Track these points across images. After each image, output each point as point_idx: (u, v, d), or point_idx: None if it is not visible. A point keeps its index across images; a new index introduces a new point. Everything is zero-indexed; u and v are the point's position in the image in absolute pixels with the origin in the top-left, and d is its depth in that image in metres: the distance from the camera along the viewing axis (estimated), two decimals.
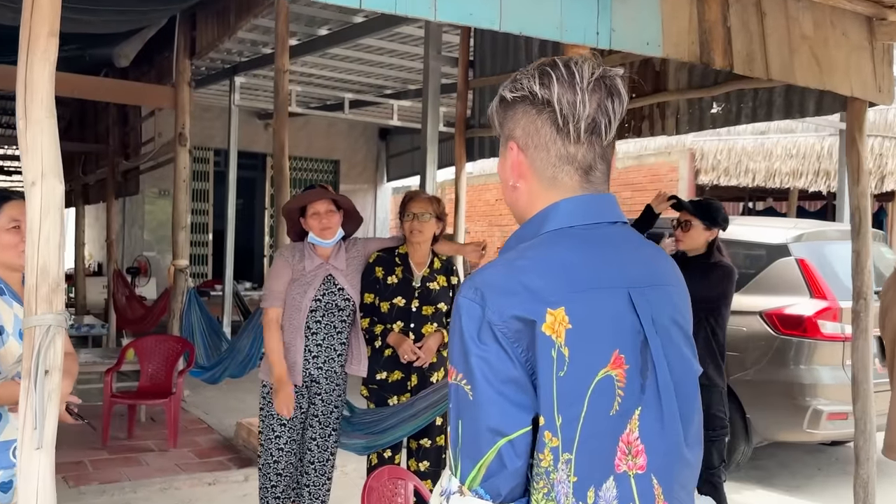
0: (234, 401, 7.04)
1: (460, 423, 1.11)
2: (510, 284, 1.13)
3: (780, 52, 2.91)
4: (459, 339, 1.12)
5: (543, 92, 1.19)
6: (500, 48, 5.56)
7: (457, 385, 1.11)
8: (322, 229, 3.40)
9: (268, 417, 3.41)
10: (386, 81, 9.64)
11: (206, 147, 12.74)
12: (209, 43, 6.76)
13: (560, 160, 1.23)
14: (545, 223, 1.23)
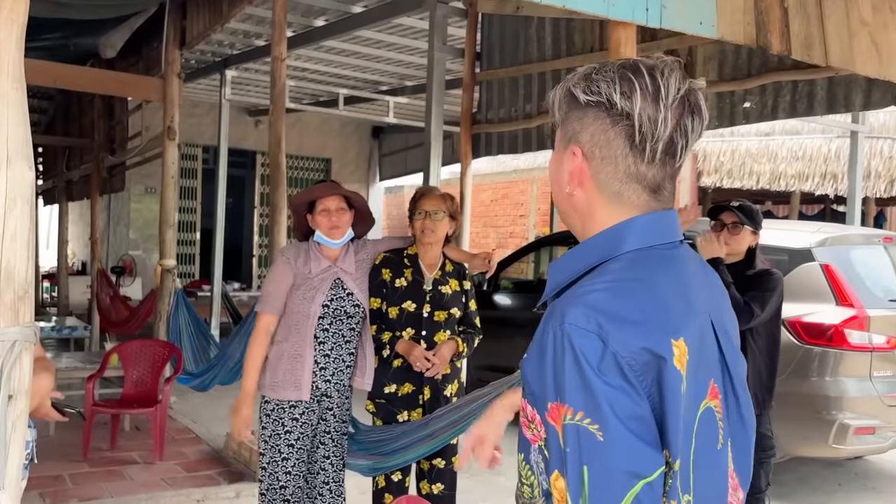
0: (224, 409, 6.65)
1: (585, 470, 0.98)
2: (630, 313, 1.03)
3: (840, 37, 2.64)
4: (577, 373, 0.99)
5: (624, 103, 1.09)
6: (508, 39, 5.27)
7: (576, 426, 0.98)
8: (331, 228, 3.10)
9: (273, 437, 3.09)
10: (382, 77, 9.33)
11: (194, 144, 12.44)
12: (200, 33, 6.45)
13: (628, 177, 1.13)
14: (623, 241, 1.12)
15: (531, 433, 1.08)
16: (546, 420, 1.03)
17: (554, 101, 1.20)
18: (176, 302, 6.27)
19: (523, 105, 5.18)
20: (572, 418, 0.99)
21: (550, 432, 1.02)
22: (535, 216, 13.20)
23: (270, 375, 3.11)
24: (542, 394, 1.04)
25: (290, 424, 3.09)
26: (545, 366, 1.03)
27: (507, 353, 6.46)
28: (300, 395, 3.07)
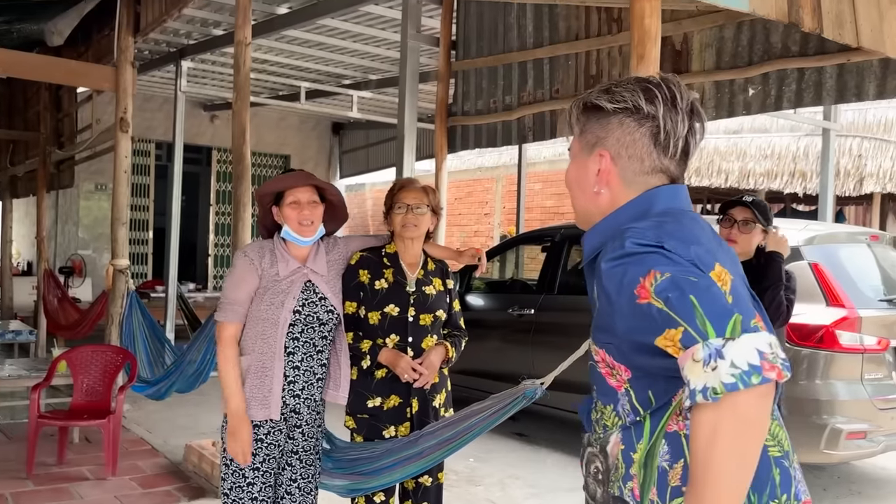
0: (182, 417, 6.34)
1: (694, 298, 1.12)
2: (677, 234, 1.23)
3: (870, 17, 2.44)
4: (653, 255, 1.19)
5: (649, 108, 1.31)
6: (486, 27, 5.01)
7: (671, 277, 1.14)
8: (301, 223, 2.74)
9: (236, 460, 2.74)
10: (346, 70, 9.02)
11: (146, 139, 11.98)
12: (156, 18, 6.06)
13: (654, 170, 1.35)
14: (652, 205, 1.33)
15: (615, 380, 1.30)
16: (637, 307, 1.17)
17: (570, 115, 1.41)
18: (129, 304, 5.88)
19: (503, 96, 4.93)
20: (662, 276, 1.15)
21: (661, 287, 1.15)
22: (500, 215, 13.00)
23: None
24: (621, 306, 1.20)
25: (255, 446, 2.73)
26: (621, 288, 1.19)
27: (482, 355, 6.23)
28: (269, 414, 2.72)
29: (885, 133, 9.30)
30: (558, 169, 12.70)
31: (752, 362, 1.08)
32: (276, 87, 10.08)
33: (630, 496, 1.27)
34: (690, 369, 1.11)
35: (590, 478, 1.38)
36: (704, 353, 1.10)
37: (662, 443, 1.24)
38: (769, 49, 3.66)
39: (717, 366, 1.08)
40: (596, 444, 1.36)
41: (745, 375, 1.07)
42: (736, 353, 1.08)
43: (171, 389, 5.23)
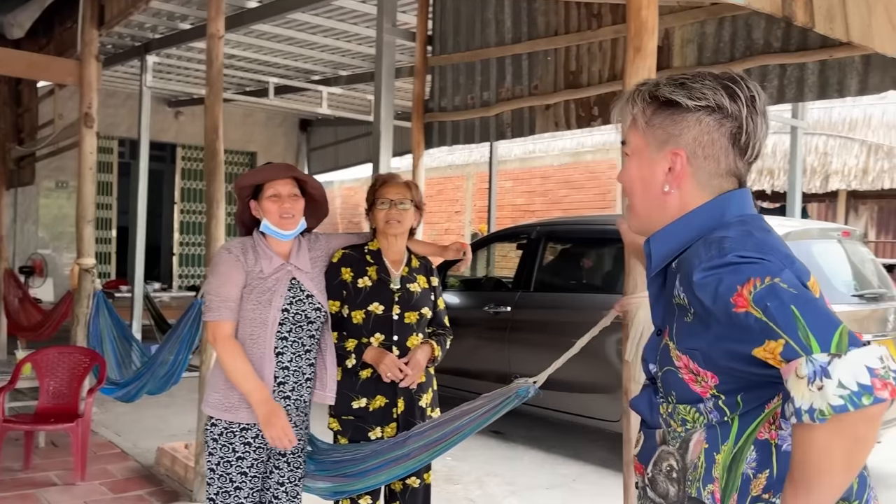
0: (152, 420, 6.20)
1: (795, 309, 1.07)
2: (776, 245, 1.20)
3: (859, 10, 2.44)
4: (755, 262, 1.13)
5: (734, 107, 1.26)
6: (464, 22, 4.96)
7: (771, 284, 1.10)
8: (282, 216, 2.65)
9: (223, 464, 2.64)
10: (315, 65, 8.91)
11: (109, 136, 11.72)
12: (121, 11, 5.91)
13: (728, 173, 1.30)
14: (726, 211, 1.29)
15: (700, 387, 1.24)
16: (734, 316, 1.11)
17: (633, 106, 1.33)
18: (96, 305, 5.72)
19: (480, 92, 4.88)
20: (762, 284, 1.10)
21: (740, 322, 1.10)
22: (471, 213, 12.97)
23: (222, 396, 2.65)
24: (716, 315, 1.14)
25: (243, 450, 2.64)
26: (716, 296, 1.13)
27: (458, 353, 6.18)
28: (238, 416, 2.63)
29: (849, 131, 9.46)
30: (529, 167, 12.72)
31: (862, 382, 1.01)
32: (243, 83, 9.93)
33: (710, 498, 1.22)
34: (795, 386, 1.05)
35: (660, 475, 1.31)
36: (809, 370, 1.03)
37: (751, 449, 1.20)
38: (751, 45, 3.66)
39: (824, 385, 1.02)
40: (674, 441, 1.28)
41: (855, 397, 1.01)
42: (844, 371, 1.01)
43: (142, 391, 5.11)
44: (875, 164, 9.41)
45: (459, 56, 4.94)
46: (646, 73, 2.03)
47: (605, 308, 2.41)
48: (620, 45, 4.19)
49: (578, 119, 4.47)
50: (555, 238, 6.13)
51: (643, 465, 1.37)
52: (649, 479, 1.34)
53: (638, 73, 2.03)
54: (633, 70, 2.05)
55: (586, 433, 6.09)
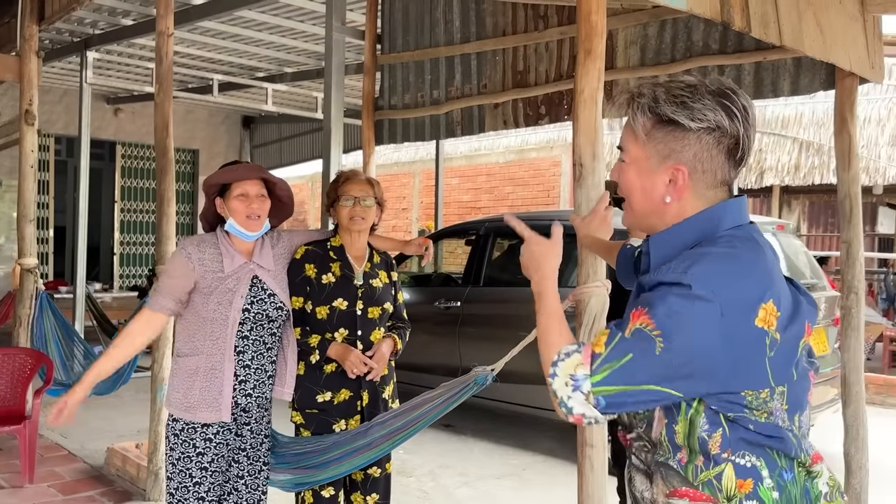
0: (97, 421, 6.11)
1: (630, 358, 1.29)
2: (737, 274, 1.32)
3: (790, 17, 2.60)
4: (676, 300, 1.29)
5: (733, 127, 1.36)
6: (413, 23, 5.03)
7: (646, 332, 1.28)
8: (248, 216, 2.67)
9: (183, 459, 2.66)
10: (260, 62, 8.85)
11: (46, 133, 11.41)
12: (63, 6, 5.81)
13: (721, 183, 1.41)
14: (722, 222, 1.38)
15: None
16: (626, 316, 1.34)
17: (633, 120, 1.42)
18: (40, 305, 5.63)
19: (430, 91, 4.96)
20: (647, 321, 1.28)
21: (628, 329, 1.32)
22: (418, 209, 13.04)
23: (182, 396, 2.66)
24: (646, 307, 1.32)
25: (203, 445, 2.67)
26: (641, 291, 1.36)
27: (410, 348, 6.25)
28: (220, 417, 2.66)
29: (782, 129, 9.82)
30: (475, 164, 12.85)
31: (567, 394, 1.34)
32: (186, 80, 9.80)
33: (678, 464, 1.38)
34: (561, 366, 1.37)
35: (636, 446, 1.50)
36: (573, 372, 1.35)
37: (702, 416, 1.35)
38: (691, 46, 3.82)
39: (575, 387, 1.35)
40: (640, 423, 1.46)
41: (564, 402, 1.35)
42: (561, 381, 1.36)
43: (90, 392, 5.04)
44: (806, 161, 9.80)
45: (409, 55, 5.01)
46: (596, 75, 2.14)
47: None
48: (566, 45, 4.32)
49: (526, 117, 4.58)
50: (502, 234, 6.25)
51: (626, 436, 1.55)
52: (632, 449, 1.51)
53: (588, 75, 2.14)
54: (584, 71, 2.15)
55: (534, 424, 6.23)
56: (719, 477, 1.34)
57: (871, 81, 3.26)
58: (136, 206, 12.64)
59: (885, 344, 8.82)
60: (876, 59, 3.13)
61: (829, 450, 5.44)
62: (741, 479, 1.33)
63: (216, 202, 2.74)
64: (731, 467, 1.34)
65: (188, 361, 2.69)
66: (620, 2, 3.36)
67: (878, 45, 3.14)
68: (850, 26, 2.95)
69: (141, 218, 12.70)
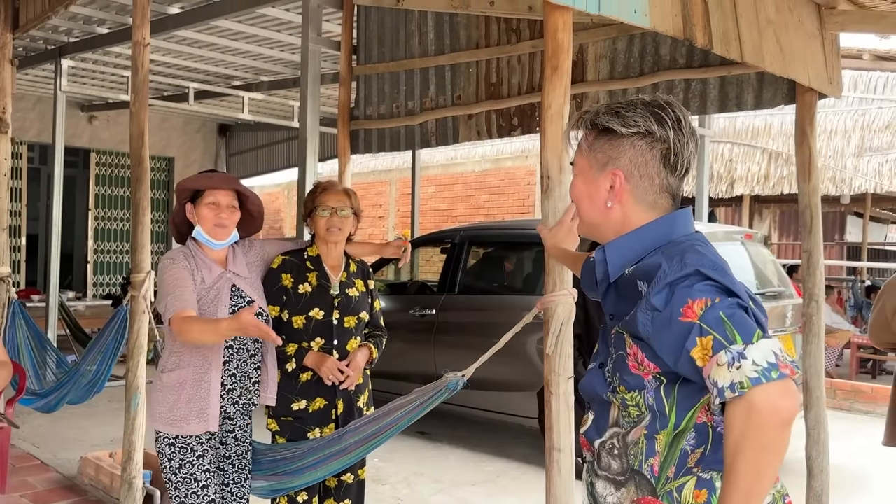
0: (70, 430, 6.09)
1: (724, 315, 1.30)
2: (721, 265, 1.42)
3: (751, 34, 2.69)
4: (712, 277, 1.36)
5: (662, 132, 1.45)
6: (388, 33, 5.09)
7: (717, 306, 1.32)
8: (216, 225, 2.69)
9: (185, 466, 2.65)
10: (237, 71, 8.87)
11: (19, 140, 11.32)
12: (37, 14, 5.81)
13: (662, 188, 1.49)
14: (673, 230, 1.48)
15: (642, 371, 1.43)
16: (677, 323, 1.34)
17: (575, 134, 1.56)
18: (13, 314, 5.59)
19: (405, 101, 5.02)
20: (711, 302, 1.31)
21: (683, 327, 1.33)
22: (394, 217, 13.08)
23: (168, 410, 2.67)
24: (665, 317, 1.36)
25: (201, 449, 2.69)
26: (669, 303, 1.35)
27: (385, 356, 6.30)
28: (207, 427, 2.66)
29: (752, 139, 10.00)
30: (451, 172, 12.93)
31: (771, 361, 1.26)
32: (162, 88, 9.79)
33: (649, 471, 1.42)
34: (717, 372, 1.28)
35: (604, 451, 1.49)
36: (728, 358, 1.27)
37: (692, 431, 1.40)
38: (658, 61, 3.92)
39: (741, 365, 1.25)
40: (626, 425, 1.47)
41: (766, 371, 1.25)
42: (757, 354, 1.26)
43: (63, 401, 5.03)
44: (776, 171, 9.99)
45: (384, 66, 5.07)
46: (562, 91, 2.20)
47: (525, 309, 2.57)
48: (538, 59, 4.40)
49: (499, 128, 4.66)
50: (478, 242, 6.32)
51: (589, 442, 1.55)
52: (596, 455, 1.52)
53: (555, 91, 2.20)
54: (551, 87, 2.22)
55: (508, 431, 6.29)
56: (681, 488, 1.39)
57: (829, 96, 3.37)
58: (110, 213, 12.56)
59: (852, 350, 8.99)
60: (834, 76, 3.24)
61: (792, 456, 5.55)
62: (698, 490, 1.38)
63: (186, 207, 2.76)
64: (695, 480, 1.39)
65: (173, 376, 2.69)
66: (590, 16, 3.45)
67: (836, 61, 3.26)
68: (809, 44, 3.06)
69: (115, 226, 12.62)
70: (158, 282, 2.72)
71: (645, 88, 3.92)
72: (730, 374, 1.25)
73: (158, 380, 2.76)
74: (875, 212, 13.80)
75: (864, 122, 9.65)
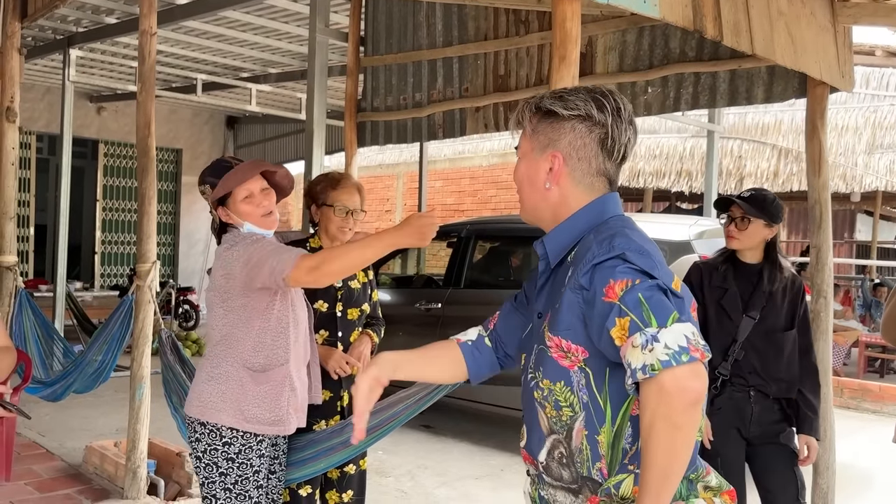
0: (76, 420, 6.10)
1: (642, 297, 1.33)
2: (647, 248, 1.43)
3: (762, 26, 2.66)
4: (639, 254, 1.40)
5: (601, 116, 1.49)
6: (396, 25, 5.07)
7: (636, 287, 1.34)
8: (263, 215, 2.52)
9: (241, 482, 2.46)
10: (245, 63, 8.86)
11: (27, 131, 11.34)
12: (45, 4, 5.82)
13: (598, 172, 1.53)
14: (606, 211, 1.53)
15: (568, 361, 1.44)
16: (600, 303, 1.37)
17: (522, 116, 1.57)
18: (20, 303, 5.61)
19: (412, 93, 5.00)
20: (631, 284, 1.35)
21: (604, 306, 1.36)
22: (401, 212, 13.06)
23: (267, 411, 2.47)
24: (590, 298, 1.39)
25: (258, 463, 2.52)
26: (593, 283, 1.39)
27: (390, 349, 6.30)
28: (301, 422, 2.58)
29: (762, 136, 9.94)
30: (459, 167, 12.90)
31: (682, 344, 1.28)
32: (170, 79, 9.79)
33: (599, 474, 1.43)
34: (631, 353, 1.31)
35: (553, 462, 1.48)
36: (642, 339, 1.29)
37: (628, 425, 1.41)
38: (668, 53, 3.89)
39: (654, 348, 1.28)
40: (560, 430, 1.46)
41: (677, 355, 1.27)
42: (669, 337, 1.29)
43: (69, 390, 5.04)
44: (785, 168, 9.92)
45: (392, 57, 5.05)
46: (570, 81, 2.18)
47: None
48: (547, 50, 4.37)
49: (507, 121, 4.63)
50: (484, 236, 6.30)
51: (532, 456, 1.54)
52: (544, 466, 1.50)
53: (563, 81, 2.18)
54: (559, 77, 2.19)
55: (514, 425, 6.27)
56: (618, 485, 1.40)
57: (841, 90, 3.33)
58: (119, 204, 12.58)
59: (860, 349, 8.94)
60: (846, 69, 3.20)
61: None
62: (637, 486, 1.37)
63: (219, 212, 2.56)
64: (633, 478, 1.39)
65: (275, 374, 2.51)
66: (600, 8, 3.42)
67: (848, 55, 3.22)
68: (820, 36, 3.02)
69: (123, 217, 12.64)
70: (248, 255, 2.43)
71: (654, 81, 3.89)
72: (642, 356, 1.29)
73: (252, 378, 2.50)
74: (886, 210, 13.71)
75: (876, 119, 9.58)
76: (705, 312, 2.96)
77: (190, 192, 12.89)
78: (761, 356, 2.92)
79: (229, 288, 2.47)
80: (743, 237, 2.98)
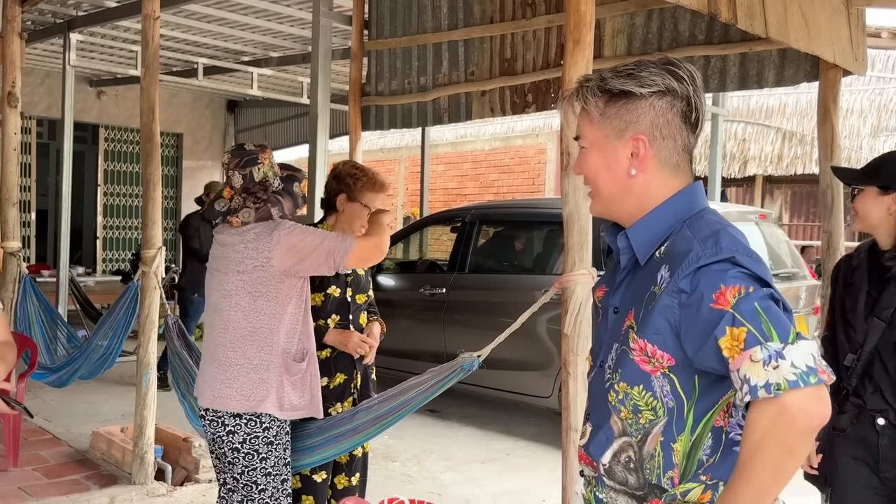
0: (82, 405, 6.11)
1: (758, 307, 1.24)
2: (749, 248, 1.33)
3: (776, 9, 2.63)
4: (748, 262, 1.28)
5: (681, 88, 1.37)
6: (400, 9, 5.02)
7: (751, 295, 1.25)
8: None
9: (277, 466, 2.57)
10: (246, 46, 8.80)
11: (28, 115, 11.28)
12: None
13: (684, 149, 1.42)
14: (695, 203, 1.41)
15: (651, 366, 1.35)
16: (711, 310, 1.26)
17: (585, 102, 1.42)
18: (24, 289, 5.60)
19: (417, 77, 4.96)
20: (745, 291, 1.25)
21: (713, 314, 1.26)
22: (403, 196, 13.04)
23: (300, 396, 2.59)
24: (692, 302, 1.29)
25: (286, 442, 2.64)
26: (697, 287, 1.28)
27: (395, 334, 6.29)
28: (320, 411, 2.69)
29: (766, 119, 9.90)
30: (461, 151, 12.86)
31: (810, 364, 1.20)
32: (170, 63, 9.73)
33: (669, 483, 1.36)
34: (749, 369, 1.21)
35: (618, 465, 1.41)
36: (764, 355, 1.20)
37: (708, 436, 1.34)
38: (677, 37, 3.85)
39: (779, 365, 1.19)
40: (636, 434, 1.39)
41: (805, 375, 1.19)
42: (796, 355, 1.20)
43: (75, 376, 5.05)
44: (789, 151, 9.88)
45: (396, 41, 5.01)
46: (584, 64, 2.16)
47: (536, 288, 2.55)
48: (554, 34, 4.33)
49: (513, 105, 4.60)
50: (488, 221, 6.28)
51: (592, 457, 1.45)
52: (606, 469, 1.43)
53: (577, 64, 2.16)
54: (573, 61, 2.17)
55: (519, 409, 6.29)
56: (686, 493, 1.35)
57: (854, 73, 3.31)
58: (120, 189, 12.54)
59: None
60: (859, 52, 3.17)
61: None
62: (704, 494, 1.34)
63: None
64: (703, 487, 1.34)
65: (307, 358, 2.65)
66: None
67: (861, 37, 3.19)
68: (834, 19, 2.99)
69: (124, 202, 12.61)
70: (292, 242, 2.51)
71: None
72: (765, 373, 1.20)
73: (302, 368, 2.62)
74: None
75: (882, 102, 9.53)
76: (833, 314, 2.46)
77: (191, 176, 12.85)
78: (889, 372, 2.29)
79: (262, 276, 2.49)
80: (860, 212, 2.41)
